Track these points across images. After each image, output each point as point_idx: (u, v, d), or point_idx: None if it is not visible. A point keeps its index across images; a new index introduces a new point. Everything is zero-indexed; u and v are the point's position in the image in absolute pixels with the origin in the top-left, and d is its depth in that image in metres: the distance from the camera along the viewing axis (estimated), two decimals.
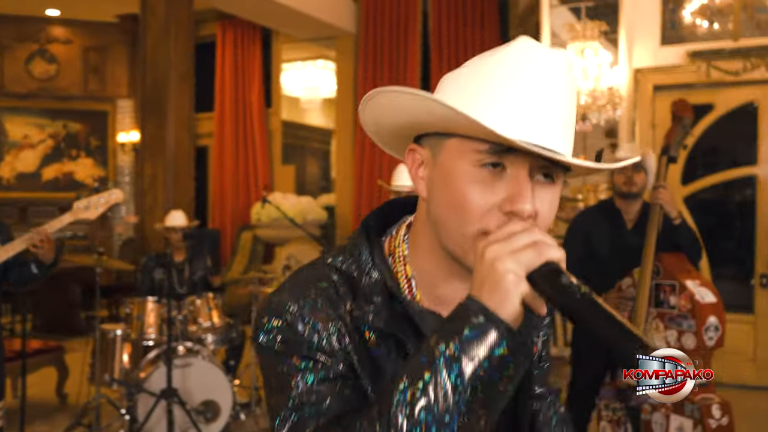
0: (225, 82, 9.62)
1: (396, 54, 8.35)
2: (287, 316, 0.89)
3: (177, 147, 5.93)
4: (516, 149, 0.84)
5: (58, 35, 9.98)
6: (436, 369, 0.77)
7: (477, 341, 0.78)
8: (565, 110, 0.89)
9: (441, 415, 0.77)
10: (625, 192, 3.55)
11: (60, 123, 10.02)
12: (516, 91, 0.86)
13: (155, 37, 5.89)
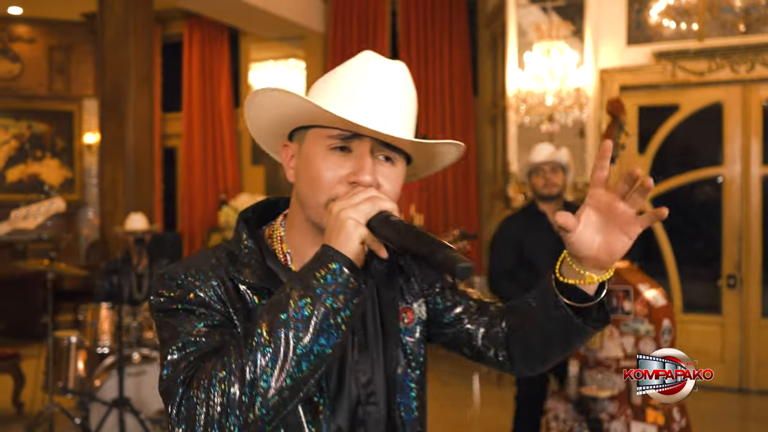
0: (193, 82, 9.49)
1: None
2: (178, 281, 1.07)
3: (138, 149, 5.80)
4: (360, 135, 1.07)
5: (21, 34, 9.77)
6: (290, 296, 0.96)
7: (323, 271, 0.97)
8: (401, 106, 1.10)
9: (298, 335, 0.94)
10: (545, 194, 3.52)
11: (24, 123, 9.81)
12: (358, 90, 1.09)
13: (114, 37, 5.76)
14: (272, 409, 0.94)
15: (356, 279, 0.97)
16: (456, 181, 7.90)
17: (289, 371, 0.94)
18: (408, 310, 1.22)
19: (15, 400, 5.21)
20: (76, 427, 4.18)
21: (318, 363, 0.96)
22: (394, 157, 1.11)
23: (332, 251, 0.98)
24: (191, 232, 9.47)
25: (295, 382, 0.94)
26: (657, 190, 5.99)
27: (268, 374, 0.93)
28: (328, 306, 0.95)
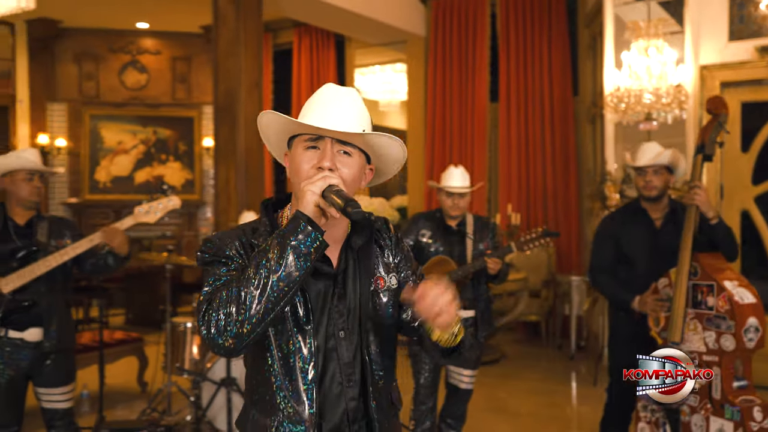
0: (302, 87, 9.97)
1: (465, 55, 8.44)
2: (215, 242, 1.56)
3: (248, 151, 6.23)
4: (322, 137, 1.53)
5: (148, 47, 10.59)
6: (272, 245, 1.43)
7: (294, 226, 1.43)
8: (348, 115, 1.55)
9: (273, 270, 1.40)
10: (645, 196, 3.55)
11: (150, 129, 10.63)
12: (316, 107, 1.57)
13: (226, 47, 6.22)
14: (256, 321, 1.40)
15: (314, 229, 1.43)
16: (556, 180, 7.93)
17: (267, 295, 1.40)
18: (381, 278, 1.68)
19: (140, 380, 5.74)
20: (191, 404, 4.59)
21: (287, 289, 1.41)
22: (350, 151, 1.56)
23: (298, 212, 1.45)
24: None
25: (271, 302, 1.40)
26: (761, 190, 5.83)
27: (253, 297, 1.39)
28: (295, 247, 1.41)
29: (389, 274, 1.70)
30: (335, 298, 1.60)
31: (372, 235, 1.70)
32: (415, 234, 3.89)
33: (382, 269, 1.69)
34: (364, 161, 1.60)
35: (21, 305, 3.24)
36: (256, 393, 1.60)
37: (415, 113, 9.09)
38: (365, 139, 1.56)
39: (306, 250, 1.42)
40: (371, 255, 1.68)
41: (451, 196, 3.81)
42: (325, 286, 1.59)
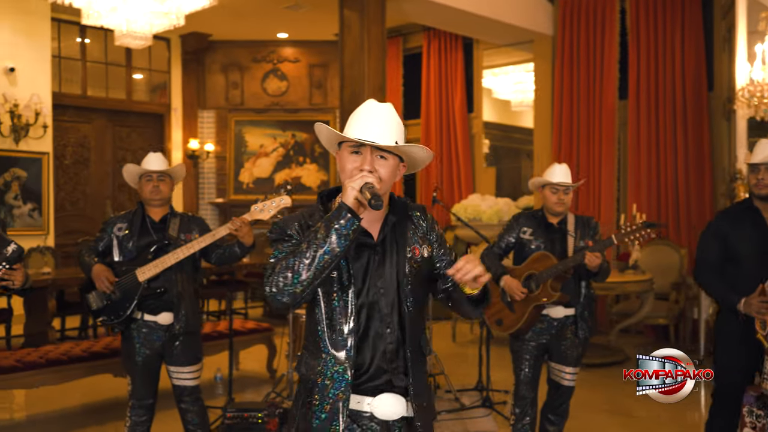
0: (430, 90, 10.19)
1: (593, 52, 8.31)
2: (280, 224, 1.98)
3: None
4: (363, 144, 1.91)
5: (287, 55, 11.21)
6: (320, 227, 1.83)
7: (338, 213, 1.82)
8: (383, 127, 1.92)
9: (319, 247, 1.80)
10: (757, 194, 3.43)
11: (289, 133, 11.25)
12: (358, 120, 1.96)
13: (351, 54, 6.54)
14: (306, 284, 1.82)
15: (353, 216, 1.81)
16: (689, 180, 7.63)
17: (315, 265, 1.81)
18: (416, 248, 2.04)
19: (269, 367, 6.17)
20: None
21: (330, 261, 1.82)
22: (386, 156, 1.93)
23: (342, 202, 1.83)
24: None
25: (317, 270, 1.82)
26: None
27: (304, 266, 1.81)
28: (337, 230, 1.81)
29: (422, 246, 2.06)
30: (376, 263, 1.98)
31: (406, 214, 2.07)
32: (517, 231, 3.97)
33: (416, 241, 2.05)
34: (397, 162, 1.98)
35: (155, 292, 3.66)
36: (309, 340, 2.01)
37: (542, 112, 9.04)
38: (400, 150, 1.94)
39: (346, 231, 1.81)
40: (405, 229, 2.05)
41: (555, 192, 3.87)
42: (367, 254, 1.98)
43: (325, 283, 1.91)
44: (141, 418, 3.75)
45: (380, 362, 1.95)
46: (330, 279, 1.92)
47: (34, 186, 8.95)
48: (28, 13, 8.85)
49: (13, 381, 4.68)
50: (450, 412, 5.05)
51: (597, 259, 3.61)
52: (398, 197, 2.10)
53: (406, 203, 2.09)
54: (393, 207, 2.05)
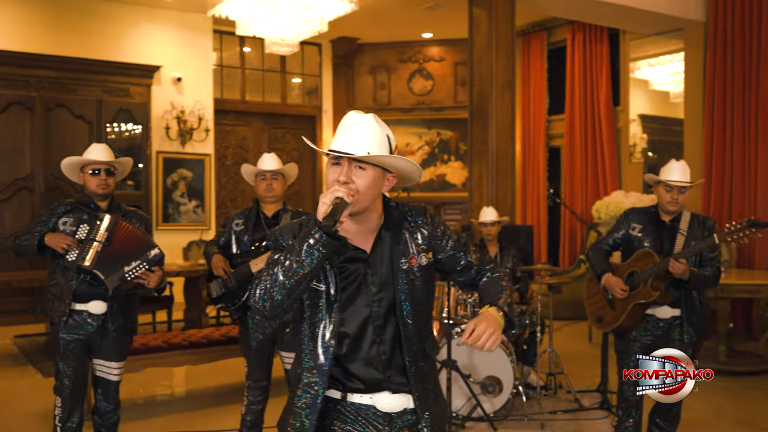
0: (575, 84, 9.93)
1: (749, 40, 7.73)
2: (276, 234, 2.01)
3: (499, 151, 6.52)
4: (342, 156, 1.91)
5: (433, 54, 11.39)
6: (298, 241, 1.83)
7: (308, 229, 1.82)
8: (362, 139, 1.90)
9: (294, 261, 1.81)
10: None
11: (434, 131, 11.42)
12: (339, 131, 1.96)
13: (480, 52, 6.57)
14: (284, 295, 1.84)
15: (324, 231, 1.79)
16: None
17: (290, 276, 1.82)
18: (412, 258, 2.03)
19: None
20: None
21: (304, 276, 1.82)
22: (364, 166, 1.92)
23: (314, 218, 1.84)
24: (572, 228, 9.94)
25: (293, 282, 1.82)
26: None
27: (281, 277, 1.83)
28: (309, 245, 1.80)
29: (420, 255, 2.04)
30: (369, 276, 1.98)
31: (402, 225, 2.05)
32: (626, 227, 3.87)
33: (413, 250, 2.04)
34: (379, 172, 1.95)
35: None
36: (297, 347, 2.07)
37: (693, 103, 8.54)
38: (371, 160, 1.91)
39: (317, 247, 1.80)
40: (401, 240, 2.03)
41: (669, 190, 3.73)
42: (360, 267, 1.98)
43: (312, 295, 1.95)
44: (257, 398, 4.06)
45: (374, 372, 1.97)
46: (317, 291, 1.95)
47: (198, 185, 9.78)
48: (193, 28, 9.69)
49: (159, 359, 5.20)
50: (566, 412, 4.98)
51: (681, 265, 3.45)
52: (395, 205, 2.07)
53: (403, 212, 2.06)
54: (388, 218, 2.04)
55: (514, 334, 5.31)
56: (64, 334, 3.54)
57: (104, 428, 3.74)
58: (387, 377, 1.98)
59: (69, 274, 3.53)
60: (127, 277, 3.51)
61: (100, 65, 8.93)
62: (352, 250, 1.98)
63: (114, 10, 9.14)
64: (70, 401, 3.57)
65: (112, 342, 3.63)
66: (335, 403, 2.01)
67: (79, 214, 3.63)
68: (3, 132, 8.46)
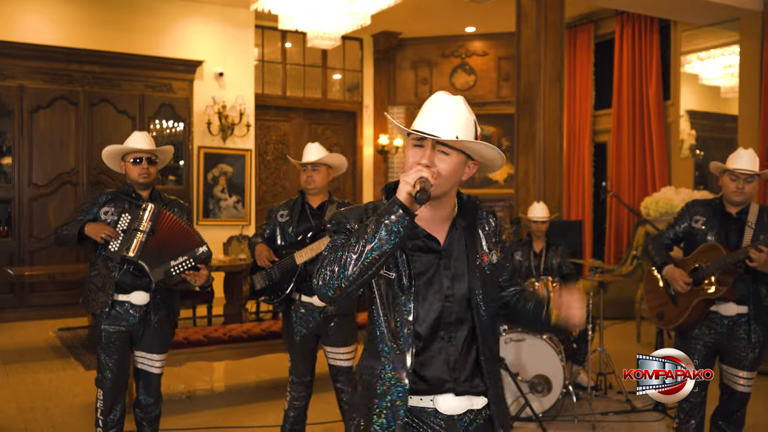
0: (623, 78, 9.65)
1: None
2: (339, 217, 1.88)
3: (547, 143, 6.34)
4: (425, 138, 1.81)
5: (475, 49, 11.20)
6: (374, 221, 1.71)
7: (389, 208, 1.71)
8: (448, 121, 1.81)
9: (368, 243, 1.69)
10: None
11: None
12: (423, 114, 1.86)
13: (528, 44, 6.39)
14: (353, 280, 1.72)
15: (405, 212, 1.69)
16: None
17: (362, 260, 1.70)
18: (485, 255, 1.96)
19: None
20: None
21: (378, 258, 1.70)
22: (447, 151, 1.82)
23: (394, 198, 1.72)
24: (619, 224, 9.66)
25: (365, 266, 1.71)
26: None
27: (351, 261, 1.71)
28: (387, 225, 1.69)
29: (491, 252, 1.98)
30: (441, 269, 1.88)
31: (476, 218, 1.97)
32: (689, 219, 3.68)
33: (485, 246, 1.96)
34: (462, 158, 1.85)
35: (311, 274, 3.84)
36: (369, 340, 1.94)
37: (749, 97, 8.23)
38: (458, 145, 1.82)
39: (396, 228, 1.69)
40: (475, 234, 1.95)
41: (735, 179, 3.52)
42: (433, 258, 1.87)
43: (384, 286, 1.86)
44: (300, 394, 3.96)
45: (441, 373, 1.87)
46: (389, 282, 1.85)
47: (238, 180, 9.76)
48: (235, 23, 9.67)
49: (200, 354, 5.14)
50: (618, 413, 4.78)
51: (764, 254, 3.23)
52: (469, 197, 1.99)
53: (476, 206, 1.98)
54: (462, 209, 1.95)
55: (563, 332, 5.13)
56: (106, 326, 3.48)
57: (145, 422, 3.68)
58: (454, 379, 1.87)
59: (111, 264, 3.46)
60: (173, 271, 3.43)
61: (143, 60, 8.95)
62: (425, 237, 1.88)
63: (157, 6, 9.16)
64: (111, 394, 3.51)
65: (154, 334, 3.56)
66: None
67: (120, 204, 3.57)
68: (48, 126, 8.52)
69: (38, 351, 6.82)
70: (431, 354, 1.86)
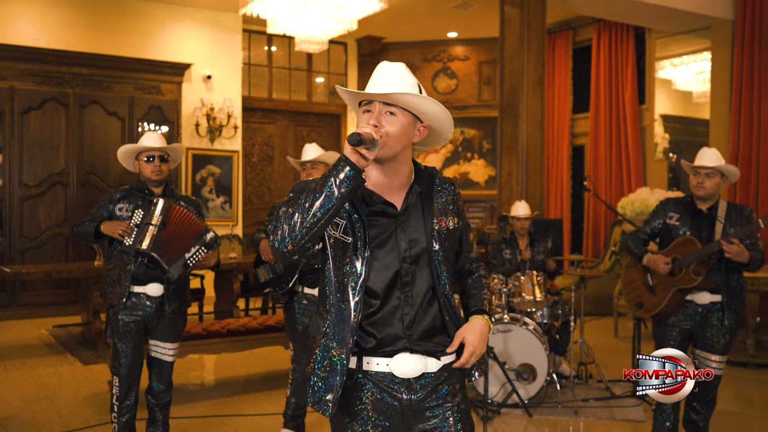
0: (600, 82, 10.00)
1: None
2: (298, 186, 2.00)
3: (528, 146, 6.62)
4: (373, 101, 1.92)
5: (457, 53, 11.48)
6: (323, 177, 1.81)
7: (336, 164, 1.79)
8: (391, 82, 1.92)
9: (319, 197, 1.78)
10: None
11: (458, 130, 11.51)
12: (372, 78, 1.97)
13: (511, 49, 6.68)
14: (304, 233, 1.79)
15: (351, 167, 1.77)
16: None
17: (312, 213, 1.78)
18: (442, 220, 2.02)
19: None
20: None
21: (329, 208, 1.78)
22: (394, 111, 1.91)
23: (341, 155, 1.81)
24: (596, 224, 10.00)
25: (315, 218, 1.78)
26: None
27: (301, 215, 1.79)
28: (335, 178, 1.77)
29: (448, 217, 2.03)
30: (398, 231, 1.95)
31: (432, 184, 2.03)
32: (663, 216, 3.96)
33: (442, 212, 2.02)
34: (410, 119, 1.94)
35: (313, 267, 4.06)
36: (320, 299, 2.01)
37: (720, 102, 8.60)
38: (397, 99, 1.89)
39: (343, 180, 1.77)
40: (432, 199, 2.01)
41: (697, 174, 3.82)
42: (390, 222, 1.95)
43: (338, 248, 1.92)
44: None
45: (396, 330, 1.92)
46: (344, 244, 1.91)
47: (226, 181, 9.94)
48: (223, 27, 9.85)
49: (200, 347, 5.34)
50: (599, 399, 5.06)
51: (735, 246, 3.53)
52: (426, 167, 2.07)
53: (433, 173, 2.06)
54: (418, 175, 2.02)
55: (545, 324, 5.41)
56: (123, 316, 3.67)
57: (157, 408, 3.87)
58: (408, 336, 1.93)
59: (126, 257, 3.66)
60: (190, 263, 3.68)
61: (132, 63, 9.10)
62: (382, 203, 1.95)
63: (147, 9, 9.32)
64: (127, 380, 3.70)
65: (167, 323, 3.77)
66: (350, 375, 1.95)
67: (134, 200, 3.77)
68: (38, 128, 8.64)
69: (34, 348, 6.96)
70: (386, 313, 1.92)
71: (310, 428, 4.43)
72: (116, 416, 3.73)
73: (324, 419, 4.70)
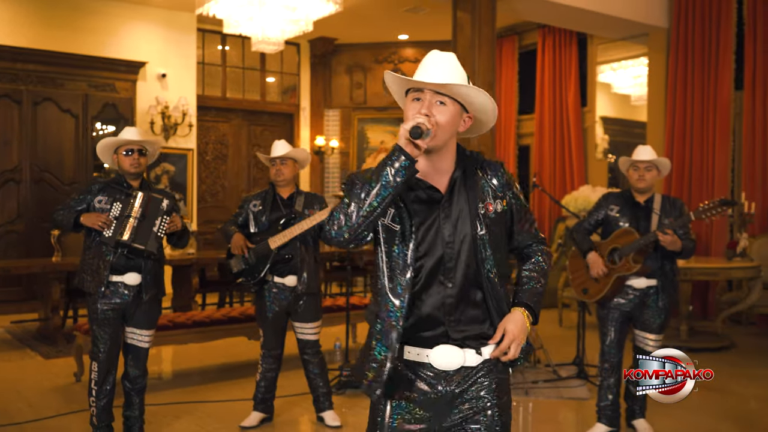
0: (544, 85, 10.46)
1: (708, 44, 8.31)
2: (352, 177, 1.98)
3: (481, 147, 6.94)
4: (424, 90, 1.95)
5: (408, 56, 11.80)
6: (378, 166, 1.87)
7: (390, 153, 1.86)
8: (442, 72, 1.94)
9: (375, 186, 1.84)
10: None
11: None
12: (421, 67, 1.99)
13: (463, 52, 7.00)
14: (361, 221, 1.86)
15: (405, 157, 1.84)
16: None
17: (369, 202, 1.85)
18: (489, 204, 2.03)
19: None
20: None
21: (385, 196, 1.84)
22: (444, 101, 1.95)
23: (395, 145, 1.87)
24: (540, 220, 10.45)
25: (372, 207, 1.85)
26: None
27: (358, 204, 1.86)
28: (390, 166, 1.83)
29: (495, 201, 2.04)
30: (442, 216, 1.98)
31: (475, 168, 2.04)
32: (606, 208, 4.33)
33: (489, 195, 2.03)
34: (458, 109, 1.97)
35: (283, 258, 4.30)
36: (374, 287, 2.06)
37: (656, 105, 9.12)
38: (452, 89, 1.93)
39: (399, 169, 1.83)
40: (476, 184, 2.02)
41: (636, 169, 4.20)
42: (434, 207, 1.98)
43: (387, 234, 1.96)
44: (271, 366, 4.41)
45: (437, 313, 1.96)
46: (392, 231, 1.96)
47: (180, 179, 10.03)
48: (178, 26, 9.94)
49: (166, 338, 5.50)
50: (547, 381, 5.43)
51: (669, 236, 3.91)
52: (471, 151, 2.08)
53: (478, 157, 2.07)
54: (463, 161, 2.04)
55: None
56: (101, 304, 3.84)
57: (134, 392, 4.05)
58: (448, 321, 1.96)
59: (105, 248, 3.83)
60: (159, 234, 3.91)
61: (87, 60, 9.12)
62: (427, 188, 1.99)
63: (102, 7, 9.35)
64: (105, 366, 3.87)
65: (144, 311, 3.95)
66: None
67: (113, 193, 3.94)
68: None
69: None
70: (428, 297, 1.96)
71: (279, 411, 4.66)
72: (94, 400, 3.89)
73: (291, 402, 4.93)
